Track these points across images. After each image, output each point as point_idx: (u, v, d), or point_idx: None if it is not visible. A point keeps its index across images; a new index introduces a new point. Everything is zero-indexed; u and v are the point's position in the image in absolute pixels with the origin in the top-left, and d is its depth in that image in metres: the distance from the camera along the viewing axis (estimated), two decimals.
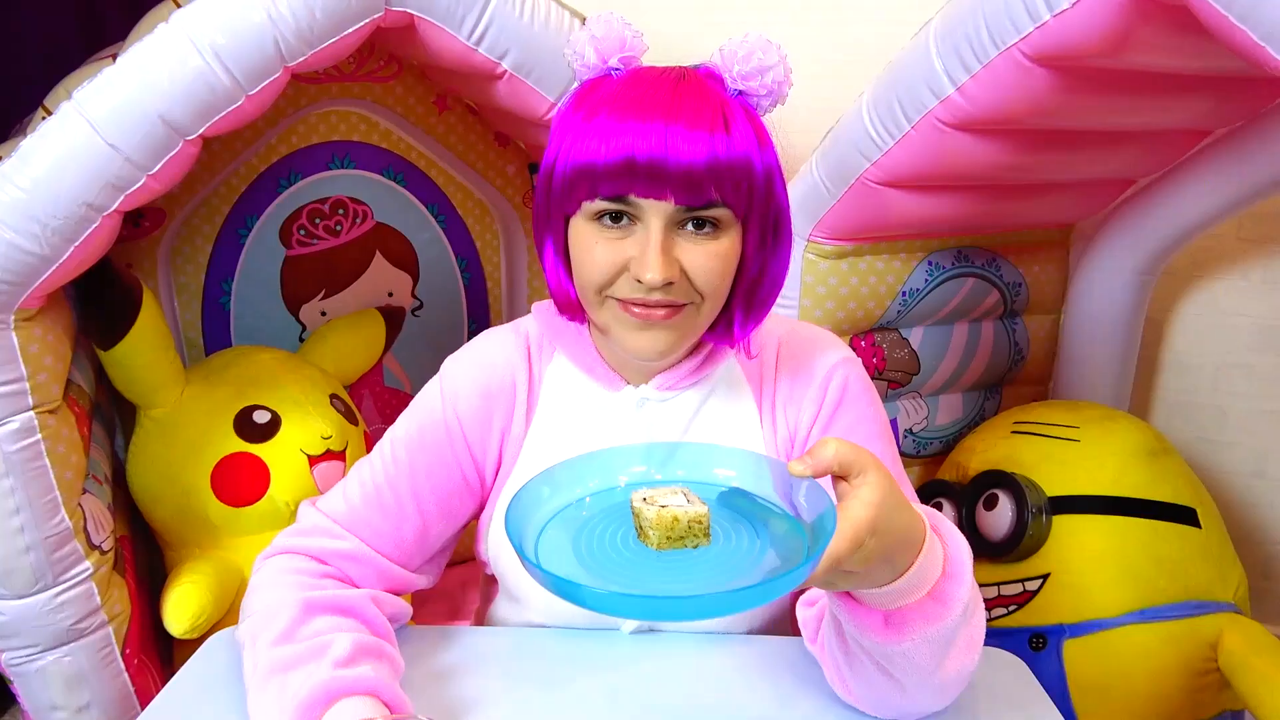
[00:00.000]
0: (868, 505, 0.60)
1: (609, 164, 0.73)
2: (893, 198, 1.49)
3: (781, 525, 0.66)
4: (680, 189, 0.73)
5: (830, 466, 0.61)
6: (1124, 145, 1.54)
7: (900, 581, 0.64)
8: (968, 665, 0.71)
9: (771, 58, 0.78)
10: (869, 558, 0.61)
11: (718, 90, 0.77)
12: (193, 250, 1.74)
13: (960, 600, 0.67)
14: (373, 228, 1.87)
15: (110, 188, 1.16)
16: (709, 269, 0.77)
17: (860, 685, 0.74)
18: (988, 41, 1.22)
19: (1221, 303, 1.92)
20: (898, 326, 1.73)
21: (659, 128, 0.72)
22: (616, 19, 0.80)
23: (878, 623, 0.67)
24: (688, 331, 0.81)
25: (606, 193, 0.75)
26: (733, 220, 0.78)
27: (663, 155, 0.72)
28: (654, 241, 0.75)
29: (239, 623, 0.81)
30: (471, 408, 0.88)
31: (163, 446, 1.49)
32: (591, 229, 0.78)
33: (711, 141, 0.73)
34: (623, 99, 0.75)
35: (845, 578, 0.63)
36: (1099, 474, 1.50)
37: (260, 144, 1.72)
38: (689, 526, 0.63)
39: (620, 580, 0.61)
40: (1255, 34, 0.94)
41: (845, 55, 1.90)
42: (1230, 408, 1.94)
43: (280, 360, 1.65)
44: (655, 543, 0.63)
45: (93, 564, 1.27)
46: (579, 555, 0.64)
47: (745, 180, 0.76)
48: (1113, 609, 1.43)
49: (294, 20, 1.19)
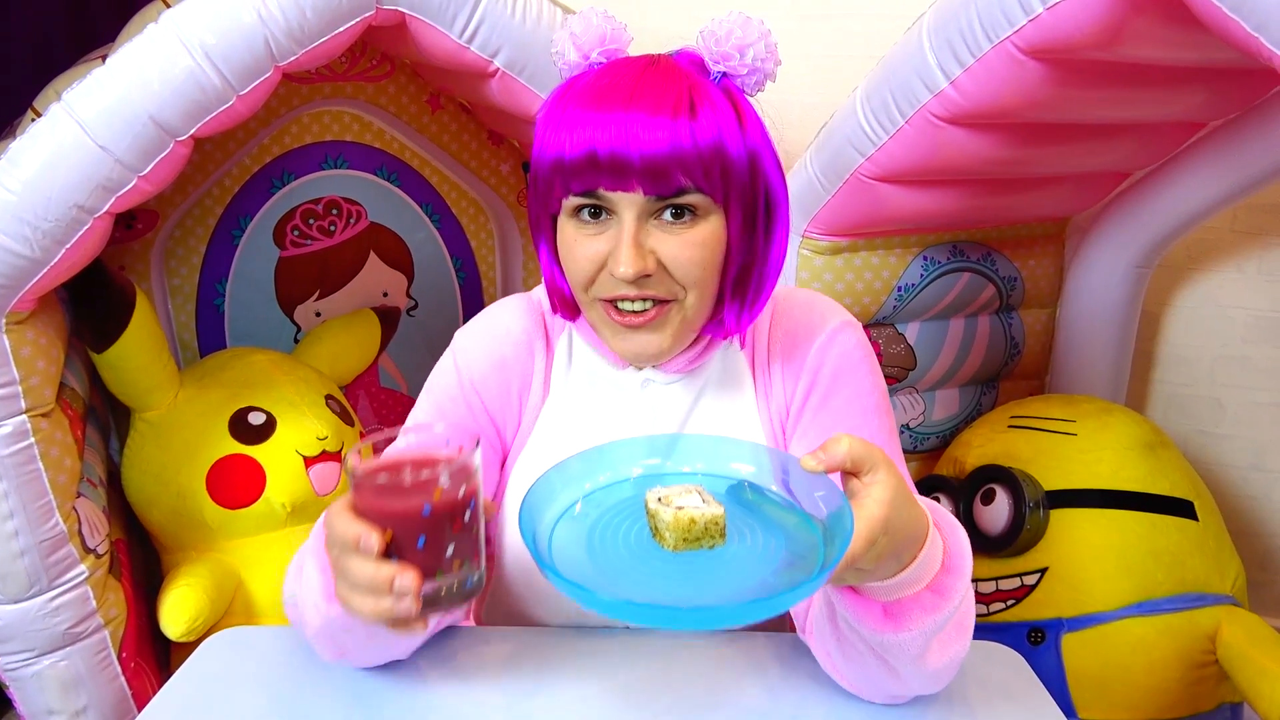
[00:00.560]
0: (881, 504, 0.60)
1: (573, 159, 0.72)
2: (887, 192, 1.48)
3: (791, 520, 0.66)
4: (646, 179, 0.71)
5: (843, 464, 0.61)
6: (1118, 138, 1.54)
7: (903, 575, 0.64)
8: (960, 651, 0.72)
9: (751, 34, 0.76)
10: (881, 554, 0.61)
11: (689, 74, 0.75)
12: (186, 252, 1.73)
13: (959, 592, 0.67)
14: (367, 228, 1.87)
15: (101, 189, 1.15)
16: (687, 259, 0.75)
17: (853, 670, 0.74)
18: (980, 35, 1.22)
19: (1217, 295, 1.92)
20: (894, 322, 1.73)
21: (619, 117, 0.71)
22: (597, 14, 0.79)
23: (877, 614, 0.67)
24: (676, 330, 0.79)
25: (577, 189, 0.74)
26: (712, 206, 0.75)
27: (623, 146, 0.70)
28: (626, 234, 0.73)
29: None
30: (486, 377, 0.87)
31: (157, 449, 1.49)
32: (572, 226, 0.77)
33: (674, 128, 0.71)
34: (589, 91, 0.74)
35: (855, 574, 0.63)
36: (1096, 468, 1.50)
37: (253, 144, 1.71)
38: (705, 528, 0.63)
39: (637, 584, 0.61)
40: (1248, 24, 0.93)
41: (839, 50, 1.90)
42: (1227, 400, 1.94)
43: (275, 361, 1.65)
44: (671, 544, 0.63)
45: (88, 568, 1.27)
46: (593, 555, 0.63)
47: (718, 164, 0.73)
48: (1111, 602, 1.43)
49: (284, 19, 1.19)
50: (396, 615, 0.60)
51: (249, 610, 1.47)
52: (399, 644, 0.78)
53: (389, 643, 0.77)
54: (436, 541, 0.60)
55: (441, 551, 0.60)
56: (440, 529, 0.60)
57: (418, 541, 0.59)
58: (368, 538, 0.59)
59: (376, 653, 0.78)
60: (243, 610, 1.46)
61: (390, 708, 0.77)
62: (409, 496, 0.59)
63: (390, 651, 0.79)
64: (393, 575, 0.59)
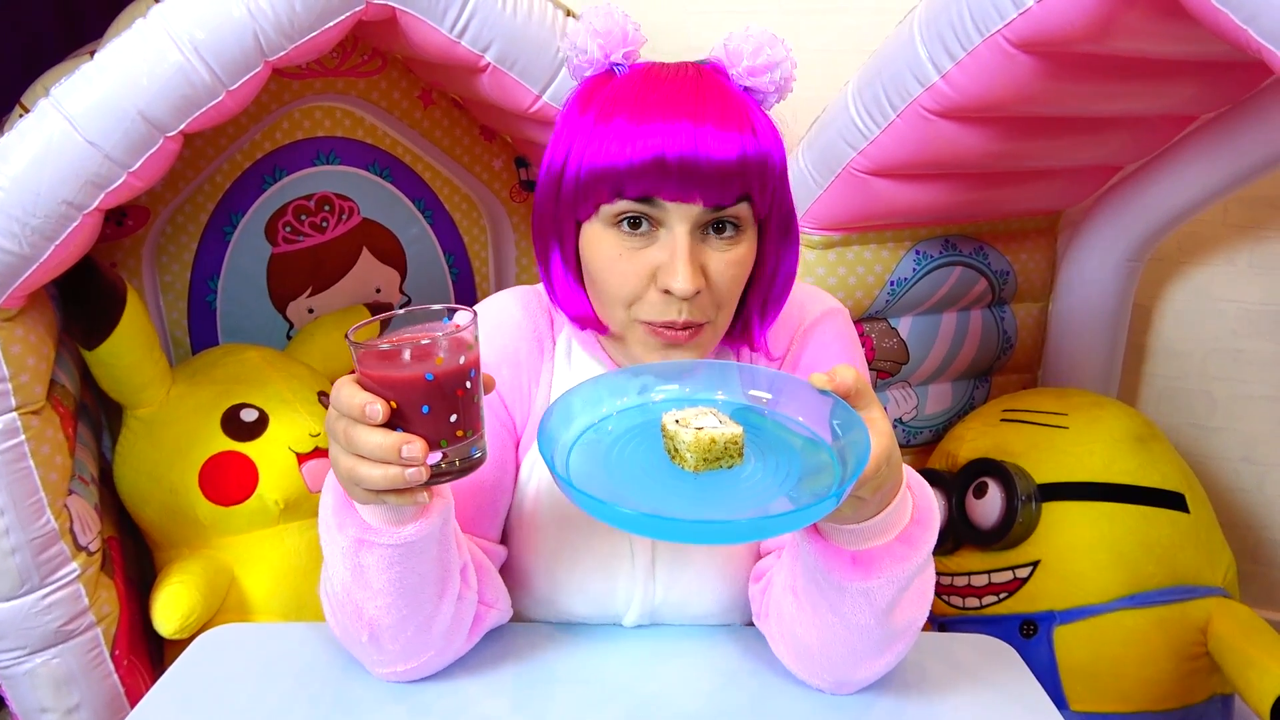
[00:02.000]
0: (883, 435, 0.63)
1: (636, 165, 0.72)
2: (879, 187, 1.49)
3: (799, 441, 0.68)
4: (711, 189, 0.72)
5: (850, 388, 0.64)
6: (1110, 131, 1.54)
7: (876, 520, 0.67)
8: (917, 618, 0.74)
9: (779, 53, 0.77)
10: (880, 485, 0.64)
11: (735, 88, 0.76)
12: (178, 248, 1.72)
13: (925, 543, 0.70)
14: (359, 224, 1.86)
15: (90, 185, 1.15)
16: (730, 277, 0.77)
17: (808, 638, 0.75)
18: (971, 28, 1.22)
19: (1209, 289, 1.92)
20: (886, 316, 1.73)
21: (688, 127, 0.71)
22: (617, 11, 0.78)
23: (846, 562, 0.69)
24: (707, 348, 0.80)
25: (633, 194, 0.73)
26: (751, 222, 0.77)
27: (693, 154, 0.71)
28: (682, 248, 0.73)
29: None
30: (499, 366, 0.85)
31: (149, 446, 1.49)
32: (610, 236, 0.76)
33: (741, 140, 0.72)
34: (643, 99, 0.73)
35: (851, 504, 0.65)
36: (1088, 461, 1.50)
37: (244, 140, 1.70)
38: (725, 448, 0.65)
39: (662, 502, 0.62)
40: (1238, 17, 0.94)
41: (831, 44, 1.90)
42: (1219, 393, 1.95)
43: (267, 358, 1.64)
44: (692, 465, 0.64)
45: (80, 565, 1.27)
46: (614, 478, 0.65)
47: (771, 178, 0.75)
48: (1103, 594, 1.43)
49: (274, 14, 1.18)
50: (406, 483, 0.61)
51: (242, 607, 1.47)
52: (428, 585, 0.72)
53: (417, 577, 0.71)
54: (440, 409, 0.62)
55: (445, 418, 0.62)
56: (444, 395, 0.61)
57: (422, 409, 0.61)
58: (373, 405, 0.60)
59: (406, 596, 0.71)
60: (236, 607, 1.46)
61: (383, 707, 0.77)
62: (411, 364, 0.61)
63: (421, 599, 0.72)
64: (400, 442, 0.60)
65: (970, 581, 1.55)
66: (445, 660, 0.80)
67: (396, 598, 0.71)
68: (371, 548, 0.69)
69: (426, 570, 0.71)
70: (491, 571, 0.82)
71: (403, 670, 0.78)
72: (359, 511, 0.69)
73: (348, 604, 0.73)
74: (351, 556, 0.70)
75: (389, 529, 0.68)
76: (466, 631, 0.79)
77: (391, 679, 0.79)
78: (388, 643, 0.75)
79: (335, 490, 0.71)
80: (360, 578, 0.71)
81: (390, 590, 0.71)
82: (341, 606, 0.74)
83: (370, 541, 0.68)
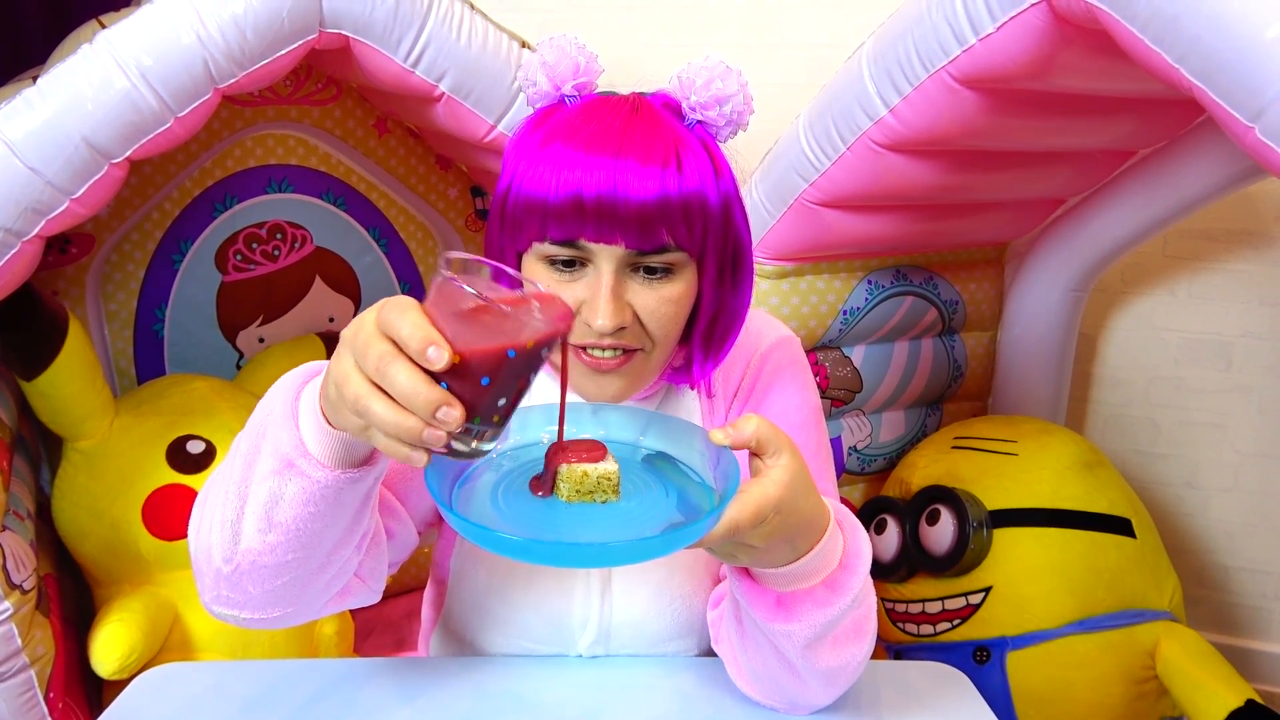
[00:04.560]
0: (776, 484, 0.63)
1: (557, 202, 0.71)
2: (831, 218, 1.51)
3: (694, 490, 0.69)
4: (631, 231, 0.71)
5: (749, 442, 0.64)
6: (1053, 165, 1.58)
7: (798, 565, 0.67)
8: (856, 655, 0.74)
9: (731, 86, 0.76)
10: (771, 534, 0.64)
11: (671, 122, 0.75)
12: (124, 276, 1.69)
13: (852, 590, 0.70)
14: (312, 252, 1.84)
15: (30, 212, 1.13)
16: (661, 314, 0.76)
17: (754, 664, 0.76)
18: (918, 64, 1.25)
19: (1151, 318, 1.97)
20: (840, 345, 1.75)
21: (607, 164, 0.70)
22: (570, 42, 0.78)
23: (770, 602, 0.69)
24: (639, 377, 0.80)
25: (556, 236, 0.72)
26: (687, 261, 0.76)
27: (610, 192, 0.70)
28: (605, 286, 0.73)
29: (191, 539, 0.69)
30: None
31: (90, 479, 1.44)
32: (541, 269, 0.76)
33: (662, 179, 0.71)
34: (575, 132, 0.73)
35: (746, 551, 0.65)
36: (1037, 487, 1.53)
37: (194, 168, 1.68)
38: (598, 482, 0.65)
39: (534, 528, 0.63)
40: (1170, 57, 0.97)
41: (782, 78, 1.94)
42: (1162, 420, 2.00)
43: (215, 388, 1.61)
44: (565, 495, 0.65)
45: (13, 604, 1.22)
46: (495, 505, 0.66)
47: (699, 218, 0.74)
48: (1054, 620, 1.45)
49: (224, 41, 1.17)
50: (417, 440, 0.53)
51: (185, 645, 1.42)
52: (327, 538, 0.65)
53: (323, 524, 0.64)
54: (499, 388, 0.54)
55: (495, 400, 0.55)
56: (512, 377, 0.55)
57: (483, 380, 0.53)
58: (440, 350, 0.51)
59: (303, 541, 0.64)
60: (179, 645, 1.42)
61: None
62: (504, 331, 0.53)
63: (313, 551, 0.66)
64: (441, 401, 0.52)
65: (924, 608, 1.56)
66: (291, 622, 0.72)
67: (293, 538, 0.64)
68: (298, 476, 0.61)
69: (336, 521, 0.65)
70: (381, 547, 0.77)
71: (245, 619, 0.70)
72: (303, 433, 0.61)
73: (228, 529, 0.65)
74: (272, 479, 0.62)
75: (327, 465, 0.61)
76: (328, 600, 0.73)
77: (223, 619, 0.71)
78: (249, 584, 0.66)
79: (290, 402, 0.63)
80: (267, 506, 0.63)
81: (290, 528, 0.63)
82: (220, 530, 0.65)
83: (300, 470, 0.61)
